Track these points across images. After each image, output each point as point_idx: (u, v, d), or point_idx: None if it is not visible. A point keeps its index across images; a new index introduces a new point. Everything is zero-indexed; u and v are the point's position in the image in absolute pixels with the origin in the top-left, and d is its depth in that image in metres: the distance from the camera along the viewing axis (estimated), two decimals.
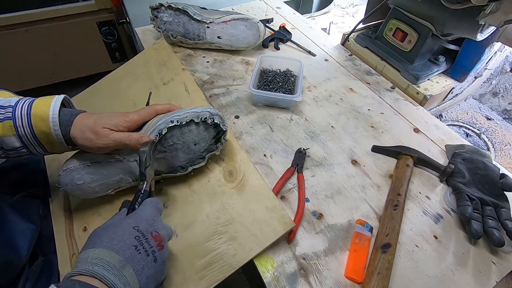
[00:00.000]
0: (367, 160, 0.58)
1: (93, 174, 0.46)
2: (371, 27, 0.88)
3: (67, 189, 0.46)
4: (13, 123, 0.40)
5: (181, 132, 0.48)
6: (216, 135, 0.51)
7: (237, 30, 0.78)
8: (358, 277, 0.42)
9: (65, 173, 0.45)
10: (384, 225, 0.47)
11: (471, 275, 0.44)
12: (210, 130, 0.50)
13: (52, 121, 0.41)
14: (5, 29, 1.21)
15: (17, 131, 0.40)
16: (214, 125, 0.50)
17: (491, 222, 0.46)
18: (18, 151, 0.42)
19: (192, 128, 0.48)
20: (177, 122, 0.46)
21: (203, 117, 0.48)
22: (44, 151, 0.44)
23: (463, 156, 0.55)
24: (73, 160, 0.46)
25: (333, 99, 0.71)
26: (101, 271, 0.28)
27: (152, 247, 0.33)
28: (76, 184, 0.45)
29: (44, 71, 1.38)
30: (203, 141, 0.50)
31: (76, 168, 0.45)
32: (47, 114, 0.40)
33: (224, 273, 0.42)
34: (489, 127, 0.79)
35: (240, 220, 0.47)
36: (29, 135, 0.41)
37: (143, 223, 0.35)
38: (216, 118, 0.49)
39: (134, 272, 0.30)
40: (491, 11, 0.56)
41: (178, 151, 0.48)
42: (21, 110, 0.40)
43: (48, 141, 0.42)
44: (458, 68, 0.74)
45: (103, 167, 0.46)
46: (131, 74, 0.74)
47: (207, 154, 0.51)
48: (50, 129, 0.41)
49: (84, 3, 1.27)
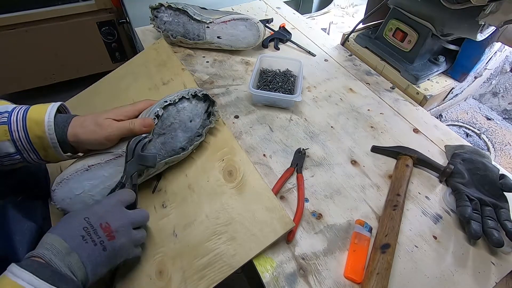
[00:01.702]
0: (366, 160, 0.58)
1: (92, 179, 0.44)
2: (371, 27, 0.88)
3: (64, 205, 0.44)
4: (8, 127, 0.40)
5: (176, 110, 0.51)
6: (207, 109, 0.56)
7: (237, 30, 0.78)
8: (358, 277, 0.42)
9: (60, 186, 0.43)
10: (384, 226, 0.47)
11: (470, 275, 0.44)
12: (202, 103, 0.55)
13: (48, 125, 0.41)
14: (5, 29, 1.21)
15: (11, 135, 0.40)
16: (204, 97, 0.55)
17: (490, 222, 0.46)
18: (12, 157, 0.42)
19: (185, 105, 0.52)
20: (170, 101, 0.50)
21: (192, 92, 0.53)
22: (39, 158, 0.43)
23: (462, 156, 0.55)
24: (67, 170, 0.45)
25: (333, 99, 0.71)
26: (50, 255, 0.33)
27: (101, 237, 0.36)
28: (75, 195, 0.44)
29: (44, 71, 1.38)
30: (197, 116, 0.54)
31: (73, 176, 0.44)
32: (43, 118, 0.41)
33: (224, 273, 0.42)
34: (489, 127, 0.79)
35: (239, 220, 0.47)
36: (24, 139, 0.41)
37: (95, 215, 0.37)
38: (204, 91, 0.54)
39: (80, 259, 0.34)
40: (491, 11, 0.56)
41: (176, 130, 0.51)
42: (16, 115, 0.41)
43: (43, 146, 0.42)
44: (458, 68, 0.74)
45: (103, 168, 0.45)
46: (131, 74, 0.74)
47: (203, 130, 0.55)
48: (45, 133, 0.41)
49: (84, 3, 1.27)
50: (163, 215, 0.49)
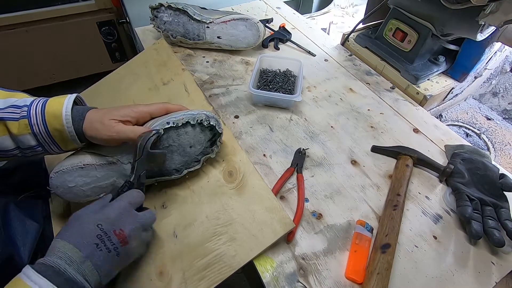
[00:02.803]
0: (366, 160, 0.58)
1: (85, 176, 0.45)
2: (371, 27, 0.88)
3: (58, 192, 0.45)
4: (28, 121, 0.41)
5: (177, 133, 0.48)
6: (211, 138, 0.51)
7: (237, 30, 0.78)
8: (359, 277, 0.42)
9: (56, 175, 0.44)
10: (384, 225, 0.47)
11: (470, 275, 0.44)
12: (206, 132, 0.50)
13: (65, 118, 0.42)
14: (5, 29, 1.21)
15: (32, 129, 0.41)
16: (210, 127, 0.50)
17: (491, 222, 0.46)
18: (34, 149, 0.43)
19: (188, 130, 0.48)
20: (173, 124, 0.46)
21: (199, 119, 0.48)
22: (59, 149, 0.44)
23: (462, 156, 0.56)
24: (65, 162, 0.45)
25: (333, 99, 0.71)
26: (64, 265, 0.32)
27: (114, 244, 0.36)
28: (68, 186, 0.44)
29: (44, 71, 1.38)
30: (199, 143, 0.50)
31: (69, 170, 0.44)
32: (60, 111, 0.42)
33: (224, 274, 0.42)
34: (489, 127, 0.79)
35: (240, 220, 0.47)
36: (44, 133, 0.42)
37: (107, 221, 0.37)
38: (212, 120, 0.49)
39: (94, 266, 0.34)
40: (491, 11, 0.56)
41: (173, 153, 0.49)
42: (35, 109, 0.42)
43: (62, 139, 0.43)
44: (458, 68, 0.74)
45: (96, 170, 0.45)
46: (131, 74, 0.74)
47: (202, 157, 0.51)
48: (63, 126, 0.42)
49: (84, 3, 1.27)
50: (163, 215, 0.49)
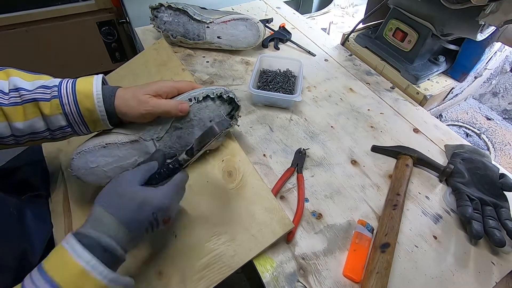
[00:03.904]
0: (366, 160, 0.58)
1: (107, 156, 0.45)
2: (371, 27, 0.88)
3: (79, 173, 0.45)
4: (60, 101, 0.41)
5: (198, 108, 0.50)
6: (230, 112, 0.53)
7: (237, 30, 0.78)
8: (356, 276, 0.42)
9: (78, 156, 0.44)
10: (383, 225, 0.47)
11: (470, 275, 0.44)
12: (226, 105, 0.52)
13: (97, 98, 0.42)
14: (5, 29, 1.21)
15: (63, 109, 0.41)
16: (229, 100, 0.52)
17: (491, 222, 0.46)
18: (64, 130, 0.43)
19: (208, 104, 0.51)
20: (194, 99, 0.49)
21: (218, 93, 0.50)
22: (87, 129, 0.44)
23: (462, 156, 0.55)
24: (87, 143, 0.45)
25: (333, 99, 0.71)
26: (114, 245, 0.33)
27: (160, 227, 0.37)
28: (90, 167, 0.45)
29: (44, 71, 1.37)
30: (218, 117, 0.51)
31: (91, 150, 0.44)
32: (91, 91, 0.42)
33: (223, 274, 0.42)
34: (489, 127, 0.79)
35: (239, 221, 0.47)
36: (75, 113, 0.41)
37: (162, 210, 0.36)
38: (231, 93, 0.51)
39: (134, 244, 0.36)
40: (491, 11, 0.56)
41: (194, 127, 0.50)
42: (66, 88, 0.41)
43: (92, 119, 0.43)
44: (458, 68, 0.74)
45: (119, 149, 0.46)
46: (131, 74, 0.74)
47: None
48: (94, 106, 0.42)
49: (84, 3, 1.27)
50: None
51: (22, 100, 0.40)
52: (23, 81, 0.41)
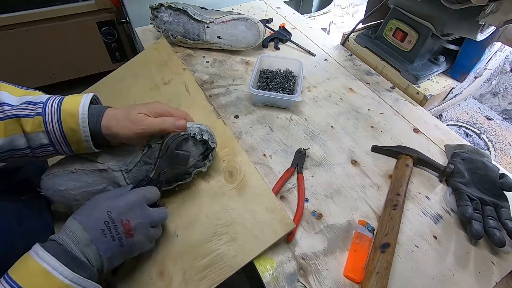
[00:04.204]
0: (366, 160, 0.58)
1: (76, 181, 0.45)
2: (371, 27, 0.88)
3: (48, 194, 0.45)
4: (43, 118, 0.40)
5: None
6: (204, 152, 0.51)
7: (237, 30, 0.78)
8: (357, 276, 0.42)
9: (47, 178, 0.44)
10: (383, 225, 0.47)
11: (470, 275, 0.44)
12: (199, 146, 0.49)
13: (82, 117, 0.41)
14: (5, 29, 1.21)
15: (46, 127, 0.40)
16: (202, 141, 0.49)
17: (491, 222, 0.46)
18: (45, 148, 0.42)
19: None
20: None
21: (192, 133, 0.47)
22: (70, 150, 0.43)
23: (462, 156, 0.56)
24: (56, 166, 0.45)
25: (333, 99, 0.71)
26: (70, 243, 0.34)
27: (119, 234, 0.37)
28: (58, 190, 0.44)
29: (44, 71, 1.38)
30: (191, 156, 0.48)
31: (60, 174, 0.44)
32: (77, 110, 0.41)
33: (224, 274, 0.42)
34: (489, 127, 0.79)
35: (240, 221, 0.47)
36: (57, 131, 0.40)
37: (117, 210, 0.37)
38: (205, 134, 0.48)
39: (98, 251, 0.35)
40: (491, 11, 0.56)
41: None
42: (51, 106, 0.40)
43: (75, 140, 0.42)
44: (458, 68, 0.74)
45: (87, 176, 0.45)
46: (132, 74, 0.74)
47: (193, 170, 0.50)
48: (78, 126, 0.41)
49: (84, 3, 1.27)
50: None
51: (5, 115, 0.39)
52: (10, 96, 0.40)
